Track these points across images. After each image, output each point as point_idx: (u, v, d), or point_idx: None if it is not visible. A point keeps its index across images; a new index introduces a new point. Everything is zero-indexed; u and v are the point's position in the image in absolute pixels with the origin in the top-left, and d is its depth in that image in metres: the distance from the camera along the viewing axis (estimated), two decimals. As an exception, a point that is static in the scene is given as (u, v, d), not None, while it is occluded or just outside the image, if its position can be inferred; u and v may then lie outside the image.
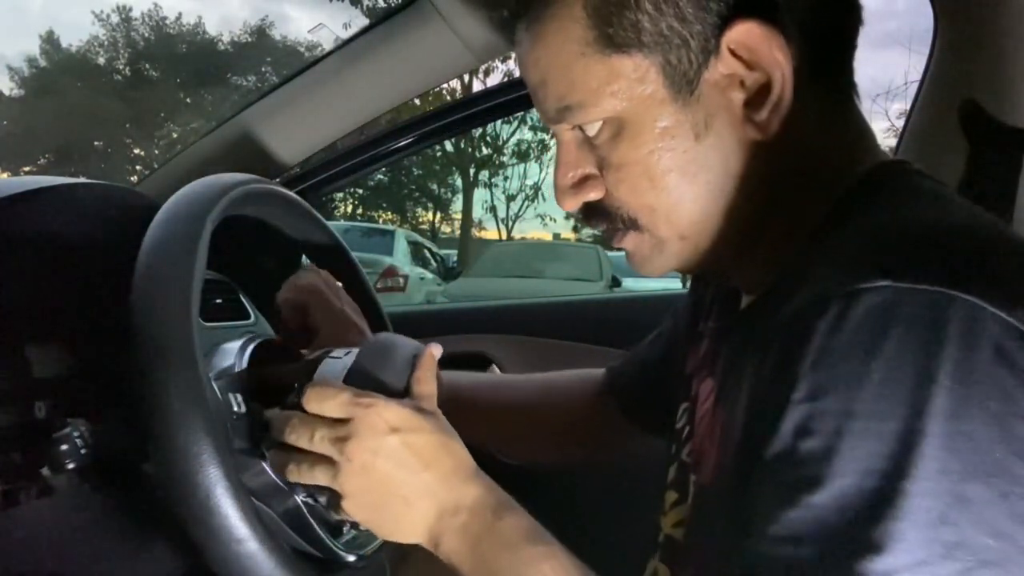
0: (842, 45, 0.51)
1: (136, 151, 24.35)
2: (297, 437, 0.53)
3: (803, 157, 0.50)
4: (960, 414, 0.35)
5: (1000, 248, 0.41)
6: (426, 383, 0.58)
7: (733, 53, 0.47)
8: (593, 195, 0.53)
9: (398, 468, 0.51)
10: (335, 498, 0.53)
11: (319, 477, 0.53)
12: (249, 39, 24.62)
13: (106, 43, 24.25)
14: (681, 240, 0.52)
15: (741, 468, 0.45)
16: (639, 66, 0.48)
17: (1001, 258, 0.40)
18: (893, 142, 1.02)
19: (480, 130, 18.63)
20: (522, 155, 21.73)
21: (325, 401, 0.53)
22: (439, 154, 20.73)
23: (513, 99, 1.26)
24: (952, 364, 0.36)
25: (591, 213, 0.54)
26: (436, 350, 0.61)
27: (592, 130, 0.51)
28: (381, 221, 22.18)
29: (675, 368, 0.70)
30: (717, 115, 0.48)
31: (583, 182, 0.53)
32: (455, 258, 13.85)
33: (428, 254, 9.95)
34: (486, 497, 0.52)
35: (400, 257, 8.14)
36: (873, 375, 0.37)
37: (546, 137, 20.70)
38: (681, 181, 0.49)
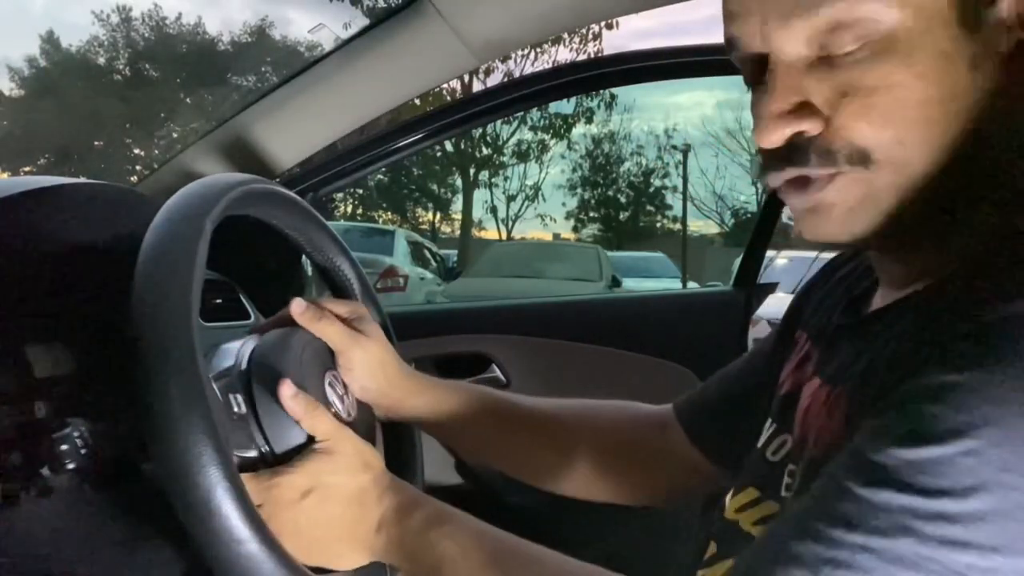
0: None
1: (136, 151, 24.34)
2: None
3: None
4: None
5: None
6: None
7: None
8: (808, 126, 0.45)
9: (323, 519, 0.56)
10: None
11: None
12: (249, 39, 24.60)
13: (106, 43, 24.22)
14: (898, 192, 0.44)
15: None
16: None
17: None
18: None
19: (480, 130, 18.63)
20: (522, 155, 21.77)
21: None
22: (439, 154, 20.75)
23: (513, 99, 1.27)
24: None
25: (790, 152, 0.46)
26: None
27: (843, 47, 0.43)
28: (381, 221, 22.18)
29: (763, 390, 0.67)
30: (988, 56, 0.43)
31: (800, 110, 0.45)
32: (455, 258, 13.87)
33: (428, 254, 9.96)
34: (396, 503, 0.57)
35: (400, 257, 8.15)
36: None
37: (546, 137, 20.77)
38: (939, 115, 0.43)
